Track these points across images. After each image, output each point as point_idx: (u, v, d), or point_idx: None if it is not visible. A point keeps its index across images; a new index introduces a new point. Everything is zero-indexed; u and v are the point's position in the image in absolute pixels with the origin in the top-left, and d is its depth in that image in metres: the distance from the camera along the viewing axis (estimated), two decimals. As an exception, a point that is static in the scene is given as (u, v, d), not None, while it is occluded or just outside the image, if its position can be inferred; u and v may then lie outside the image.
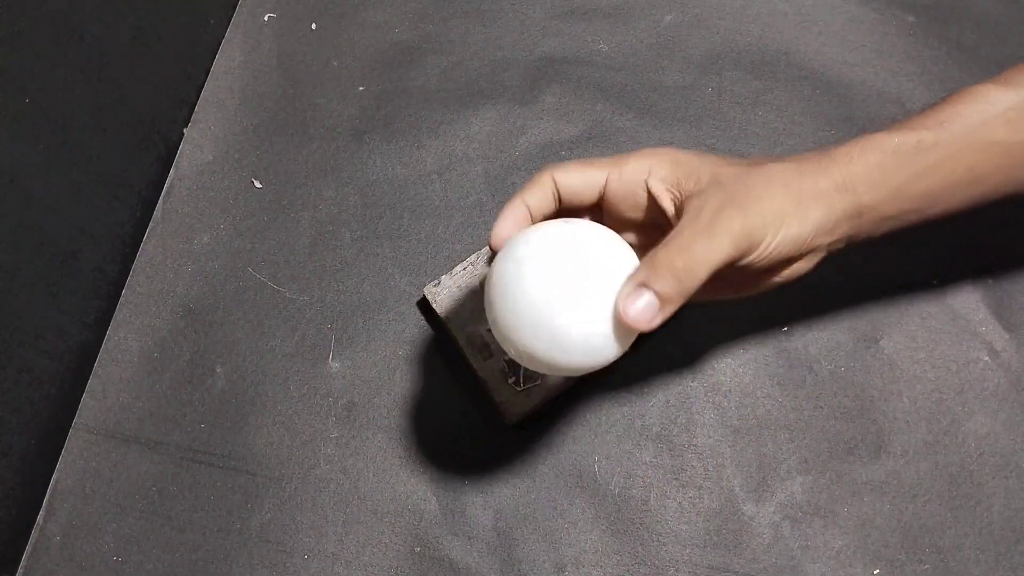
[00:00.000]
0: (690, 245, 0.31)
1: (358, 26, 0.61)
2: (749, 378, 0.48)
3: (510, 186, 0.54)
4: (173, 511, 0.47)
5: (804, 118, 0.55)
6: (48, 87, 0.44)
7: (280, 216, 0.55)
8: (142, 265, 0.54)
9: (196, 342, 0.51)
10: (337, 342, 0.51)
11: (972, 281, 0.50)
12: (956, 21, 0.58)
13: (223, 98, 0.59)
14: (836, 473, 0.46)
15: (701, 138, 0.55)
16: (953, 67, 0.56)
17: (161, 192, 0.56)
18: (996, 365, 0.48)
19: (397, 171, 0.55)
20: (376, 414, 0.49)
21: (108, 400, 0.50)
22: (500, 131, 0.56)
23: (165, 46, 0.54)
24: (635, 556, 0.45)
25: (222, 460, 0.48)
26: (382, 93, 0.58)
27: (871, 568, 0.44)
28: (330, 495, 0.47)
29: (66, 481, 0.48)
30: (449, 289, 0.49)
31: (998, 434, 0.46)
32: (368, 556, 0.45)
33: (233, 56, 0.60)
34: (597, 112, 0.56)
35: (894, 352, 0.48)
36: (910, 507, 0.45)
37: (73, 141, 0.46)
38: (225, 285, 0.53)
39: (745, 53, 0.58)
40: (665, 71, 0.58)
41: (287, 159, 0.56)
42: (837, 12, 0.59)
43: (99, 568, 0.46)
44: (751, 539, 0.45)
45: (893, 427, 0.47)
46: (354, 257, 0.53)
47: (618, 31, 0.59)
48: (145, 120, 0.53)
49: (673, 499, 0.46)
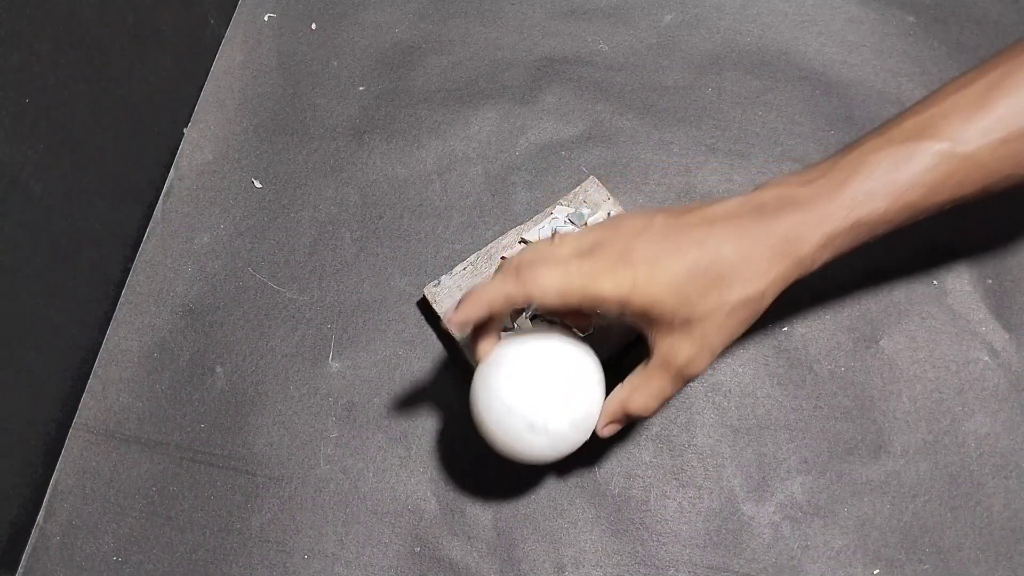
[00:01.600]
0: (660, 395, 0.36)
1: (358, 26, 0.61)
2: (749, 378, 0.48)
3: (510, 186, 0.54)
4: (173, 511, 0.47)
5: (804, 118, 0.55)
6: (48, 87, 0.44)
7: (280, 216, 0.55)
8: (142, 265, 0.54)
9: (196, 342, 0.51)
10: (337, 342, 0.51)
11: (972, 281, 0.50)
12: (956, 21, 0.58)
13: (223, 98, 0.59)
14: (836, 473, 0.46)
15: (701, 138, 0.55)
16: (953, 67, 0.56)
17: (161, 192, 0.56)
18: (996, 365, 0.48)
19: (397, 171, 0.55)
20: (376, 414, 0.49)
21: (108, 400, 0.50)
22: (500, 131, 0.56)
23: (165, 46, 0.54)
24: (635, 556, 0.45)
25: (222, 460, 0.48)
26: (382, 93, 0.58)
27: (871, 568, 0.44)
28: (330, 495, 0.47)
29: (66, 481, 0.48)
30: (449, 289, 0.49)
31: (998, 434, 0.46)
32: (368, 556, 0.45)
33: (233, 56, 0.60)
34: (597, 112, 0.56)
35: (894, 352, 0.48)
36: (910, 507, 0.45)
37: (73, 141, 0.46)
38: (225, 285, 0.53)
39: (745, 53, 0.58)
40: (665, 71, 0.58)
41: (287, 159, 0.56)
42: (837, 12, 0.59)
43: (99, 568, 0.46)
44: (751, 539, 0.45)
45: (893, 427, 0.47)
46: (354, 257, 0.53)
47: (618, 31, 0.59)
48: (145, 120, 0.53)
49: (673, 499, 0.46)
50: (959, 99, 0.36)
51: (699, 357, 0.35)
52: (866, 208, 0.34)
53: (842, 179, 0.35)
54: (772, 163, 0.54)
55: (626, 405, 0.37)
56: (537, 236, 0.49)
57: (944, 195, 0.35)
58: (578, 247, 0.35)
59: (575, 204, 0.50)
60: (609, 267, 0.33)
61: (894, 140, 0.35)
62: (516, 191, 0.54)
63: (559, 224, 0.49)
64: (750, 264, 0.34)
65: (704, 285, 0.33)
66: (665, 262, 0.33)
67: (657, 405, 0.37)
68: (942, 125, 0.35)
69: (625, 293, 0.33)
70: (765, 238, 0.34)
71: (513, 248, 0.49)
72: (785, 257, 0.34)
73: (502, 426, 0.37)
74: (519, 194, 0.54)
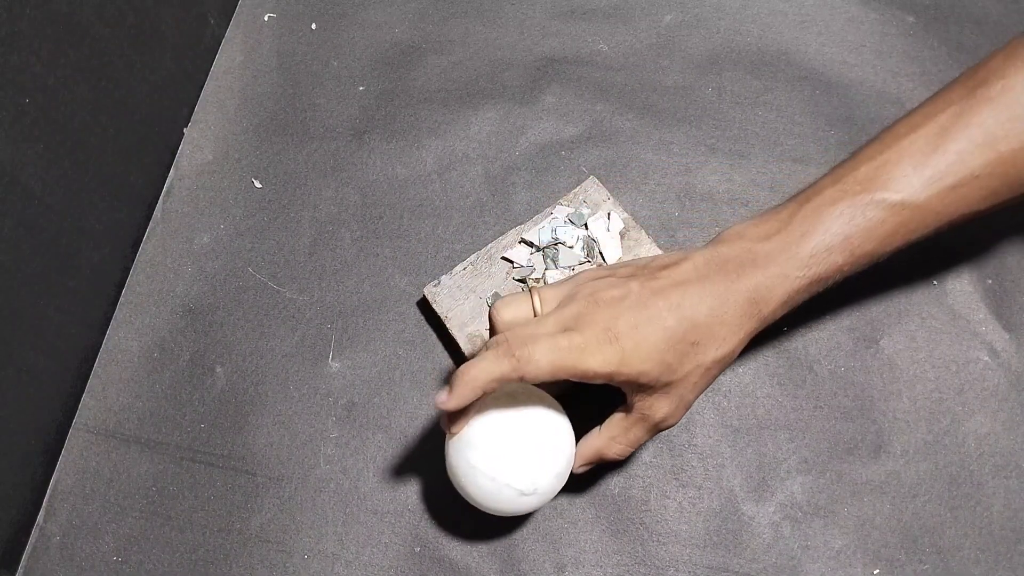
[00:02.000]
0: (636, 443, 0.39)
1: (358, 26, 0.61)
2: (749, 378, 0.48)
3: (510, 186, 0.54)
4: (173, 511, 0.47)
5: (804, 118, 0.55)
6: (48, 87, 0.44)
7: (280, 216, 0.55)
8: (142, 265, 0.54)
9: (196, 342, 0.51)
10: (337, 342, 0.51)
11: (972, 281, 0.50)
12: (956, 21, 0.58)
13: (223, 98, 0.59)
14: (836, 473, 0.46)
15: (701, 138, 0.55)
16: (953, 67, 0.56)
17: (161, 192, 0.56)
18: (996, 365, 0.48)
19: (397, 171, 0.55)
20: (376, 414, 0.49)
21: (108, 400, 0.50)
22: (500, 131, 0.56)
23: (165, 46, 0.54)
24: (635, 556, 0.45)
25: (222, 460, 0.48)
26: (382, 93, 0.58)
27: (871, 568, 0.44)
28: (330, 495, 0.47)
29: (66, 481, 0.48)
30: (449, 289, 0.49)
31: (998, 434, 0.46)
32: (368, 556, 0.45)
33: (233, 56, 0.60)
34: (597, 112, 0.56)
35: (894, 352, 0.49)
36: (910, 507, 0.45)
37: (73, 141, 0.46)
38: (225, 285, 0.53)
39: (745, 53, 0.58)
40: (665, 71, 0.58)
41: (287, 159, 0.56)
42: (837, 12, 0.59)
43: (99, 568, 0.46)
44: (751, 539, 0.45)
45: (893, 427, 0.47)
46: (354, 257, 0.53)
47: (618, 31, 0.59)
48: (145, 120, 0.53)
49: (673, 499, 0.46)
50: (911, 144, 0.36)
51: (676, 412, 0.38)
52: (824, 265, 0.36)
53: (800, 235, 0.36)
54: (772, 163, 0.54)
55: (603, 452, 0.39)
56: (537, 236, 0.49)
57: (898, 242, 0.37)
58: (562, 321, 0.36)
59: (575, 204, 0.50)
60: (595, 344, 0.35)
61: (848, 192, 0.36)
62: (516, 191, 0.54)
63: (559, 224, 0.49)
64: (723, 326, 0.36)
65: (683, 351, 0.35)
66: (646, 332, 0.35)
67: (632, 451, 0.39)
68: (894, 174, 0.36)
69: (613, 369, 0.35)
70: (734, 299, 0.36)
71: (513, 248, 0.49)
72: (752, 317, 0.36)
73: (493, 497, 0.38)
74: (519, 194, 0.54)
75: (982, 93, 0.36)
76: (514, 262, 0.49)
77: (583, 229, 0.49)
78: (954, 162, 0.35)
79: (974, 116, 0.36)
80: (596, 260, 0.48)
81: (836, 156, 0.54)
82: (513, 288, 0.48)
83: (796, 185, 0.53)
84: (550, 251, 0.48)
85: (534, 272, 0.48)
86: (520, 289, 0.48)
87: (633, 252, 0.49)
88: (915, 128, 0.36)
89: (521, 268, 0.48)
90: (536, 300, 0.37)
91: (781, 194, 0.53)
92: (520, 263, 0.49)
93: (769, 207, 0.39)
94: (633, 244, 0.49)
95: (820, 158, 0.54)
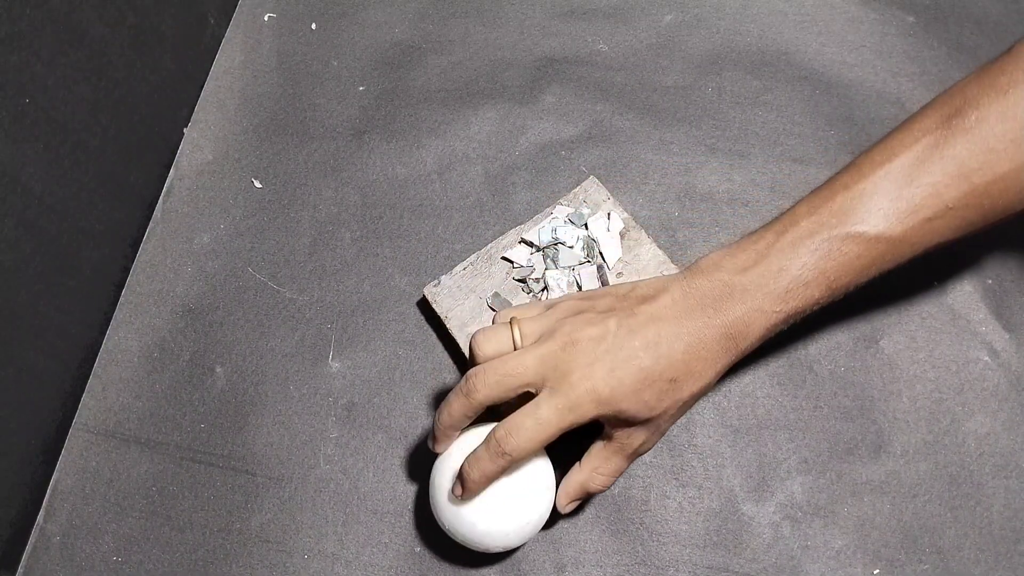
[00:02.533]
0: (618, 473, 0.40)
1: (358, 26, 0.61)
2: (749, 378, 0.48)
3: (510, 186, 0.54)
4: (173, 511, 0.47)
5: (804, 118, 0.55)
6: (48, 87, 0.44)
7: (280, 216, 0.55)
8: (142, 265, 0.54)
9: (196, 342, 0.51)
10: (337, 342, 0.51)
11: (972, 281, 0.50)
12: (956, 21, 0.58)
13: (223, 98, 0.59)
14: (836, 473, 0.46)
15: (701, 138, 0.55)
16: (953, 67, 0.56)
17: (161, 192, 0.56)
18: (996, 365, 0.48)
19: (397, 171, 0.55)
20: (376, 414, 0.49)
21: (108, 400, 0.50)
22: (500, 131, 0.56)
23: (165, 46, 0.54)
24: (635, 556, 0.45)
25: (222, 460, 0.48)
26: (382, 93, 0.58)
27: (871, 568, 0.44)
28: (330, 495, 0.47)
29: (66, 481, 0.48)
30: (449, 289, 0.49)
31: (998, 434, 0.46)
32: (368, 556, 0.45)
33: (233, 56, 0.60)
34: (597, 112, 0.56)
35: (894, 352, 0.49)
36: (910, 507, 0.45)
37: (73, 141, 0.46)
38: (225, 285, 0.53)
39: (745, 53, 0.58)
40: (665, 71, 0.58)
41: (287, 159, 0.56)
42: (837, 12, 0.59)
43: (99, 568, 0.46)
44: (751, 539, 0.45)
45: (893, 427, 0.47)
46: (354, 257, 0.53)
47: (618, 31, 0.59)
48: (145, 120, 0.53)
49: (673, 499, 0.46)
50: (886, 175, 0.36)
51: (652, 440, 0.39)
52: (800, 299, 0.36)
53: (777, 269, 0.36)
54: (772, 163, 0.54)
55: (587, 486, 0.40)
56: (537, 236, 0.49)
57: (873, 273, 0.37)
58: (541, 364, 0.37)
59: (575, 204, 0.50)
60: (575, 399, 0.36)
61: (824, 225, 0.36)
62: (516, 191, 0.54)
63: (559, 224, 0.49)
64: (699, 361, 0.36)
65: (661, 388, 0.36)
66: (622, 375, 0.36)
67: (614, 481, 0.41)
68: (870, 207, 0.36)
69: (594, 415, 0.36)
70: (711, 334, 0.36)
71: (513, 248, 0.49)
72: (728, 352, 0.37)
73: (485, 543, 0.40)
74: (519, 194, 0.54)
75: (957, 124, 0.36)
76: (514, 262, 0.49)
77: (583, 229, 0.49)
78: (929, 195, 0.35)
79: (948, 148, 0.36)
80: (596, 260, 0.48)
81: (836, 156, 0.54)
82: (513, 288, 0.48)
83: (796, 185, 0.54)
84: (550, 251, 0.48)
85: (534, 272, 0.48)
86: (520, 289, 0.48)
87: (633, 252, 0.49)
88: (891, 157, 0.36)
89: (521, 268, 0.49)
90: (516, 333, 0.38)
91: (781, 194, 0.53)
92: (520, 263, 0.49)
93: (747, 233, 0.39)
94: (633, 244, 0.49)
95: (820, 158, 0.54)
